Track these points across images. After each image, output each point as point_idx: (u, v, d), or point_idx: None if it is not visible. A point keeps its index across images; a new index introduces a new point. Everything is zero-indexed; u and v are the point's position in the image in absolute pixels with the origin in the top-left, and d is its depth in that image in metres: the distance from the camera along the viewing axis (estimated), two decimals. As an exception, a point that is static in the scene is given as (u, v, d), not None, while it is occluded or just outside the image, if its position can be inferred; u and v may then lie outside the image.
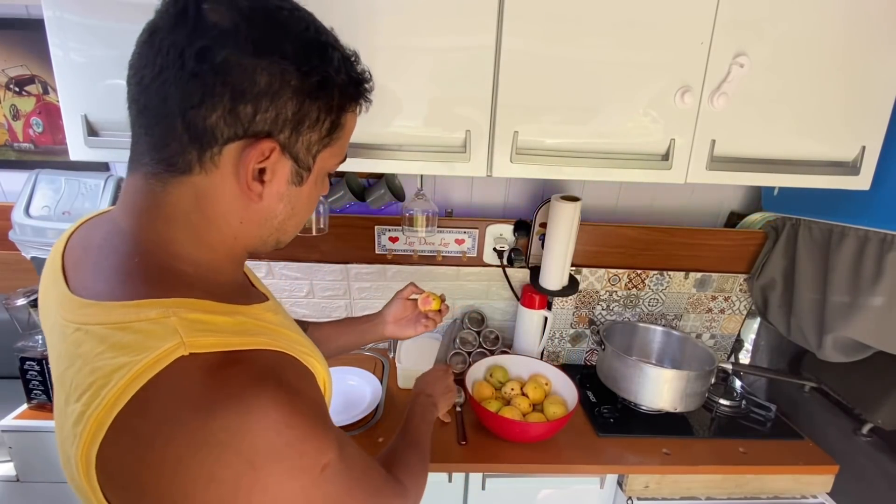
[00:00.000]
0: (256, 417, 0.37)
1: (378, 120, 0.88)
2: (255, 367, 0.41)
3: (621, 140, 0.91)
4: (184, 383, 0.37)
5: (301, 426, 0.40)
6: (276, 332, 0.48)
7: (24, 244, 1.19)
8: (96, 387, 0.37)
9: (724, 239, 1.38)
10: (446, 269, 1.40)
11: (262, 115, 0.42)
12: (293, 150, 0.46)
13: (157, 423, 0.36)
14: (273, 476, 0.38)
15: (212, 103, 0.41)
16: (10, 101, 1.24)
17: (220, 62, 0.40)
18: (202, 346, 0.39)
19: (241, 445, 0.36)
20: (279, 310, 0.56)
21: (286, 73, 0.42)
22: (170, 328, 0.39)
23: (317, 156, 0.48)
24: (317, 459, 0.41)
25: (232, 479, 0.36)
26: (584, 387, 1.33)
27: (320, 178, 0.51)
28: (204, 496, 0.36)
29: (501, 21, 0.83)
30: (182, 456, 0.35)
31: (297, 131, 0.45)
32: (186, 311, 0.41)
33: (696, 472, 1.10)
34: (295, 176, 0.47)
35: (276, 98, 0.42)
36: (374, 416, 1.17)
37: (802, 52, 0.88)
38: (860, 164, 0.95)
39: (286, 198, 0.48)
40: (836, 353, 1.18)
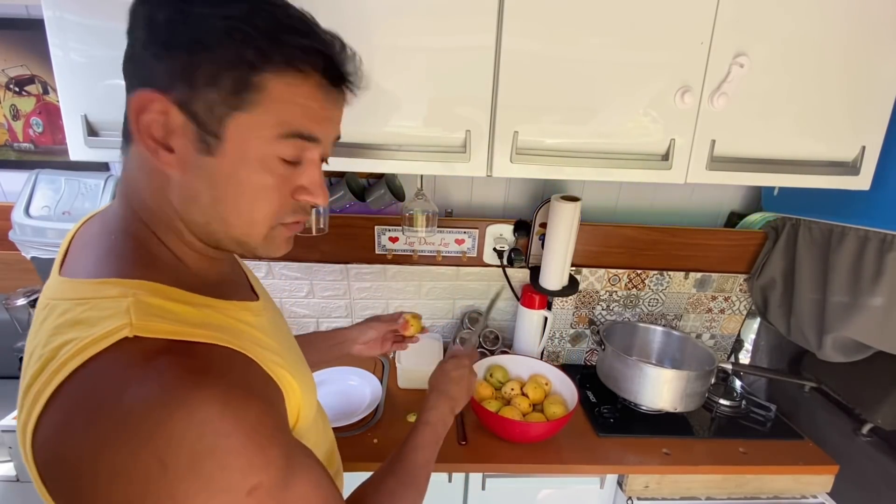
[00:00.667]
0: (180, 414, 0.34)
1: (378, 120, 0.88)
2: (196, 361, 0.38)
3: (621, 140, 0.91)
4: (119, 365, 0.36)
5: (231, 435, 0.36)
6: (243, 333, 0.46)
7: (24, 244, 1.19)
8: (44, 360, 0.37)
9: (724, 239, 1.38)
10: (446, 269, 1.40)
11: (157, 66, 0.40)
12: (190, 107, 0.41)
13: (84, 402, 0.35)
14: (185, 484, 0.34)
15: (131, 61, 0.42)
16: (10, 101, 1.24)
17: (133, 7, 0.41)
18: (150, 330, 0.38)
19: (157, 442, 0.33)
20: (264, 313, 0.54)
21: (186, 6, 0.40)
22: (122, 308, 0.38)
23: (225, 120, 0.41)
24: (242, 478, 0.36)
25: (141, 479, 0.33)
26: (584, 387, 1.33)
27: (256, 156, 0.43)
28: (109, 490, 0.33)
29: (501, 21, 0.83)
30: (97, 441, 0.33)
31: (192, 87, 0.40)
32: (146, 293, 0.40)
33: (696, 472, 1.10)
34: (199, 141, 0.42)
35: (167, 48, 0.40)
36: (374, 417, 1.17)
37: (802, 51, 0.88)
38: (860, 164, 0.95)
39: (199, 171, 0.43)
40: (836, 353, 1.18)
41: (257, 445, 0.37)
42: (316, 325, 1.48)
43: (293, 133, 0.44)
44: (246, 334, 0.46)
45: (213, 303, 0.45)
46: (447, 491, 1.12)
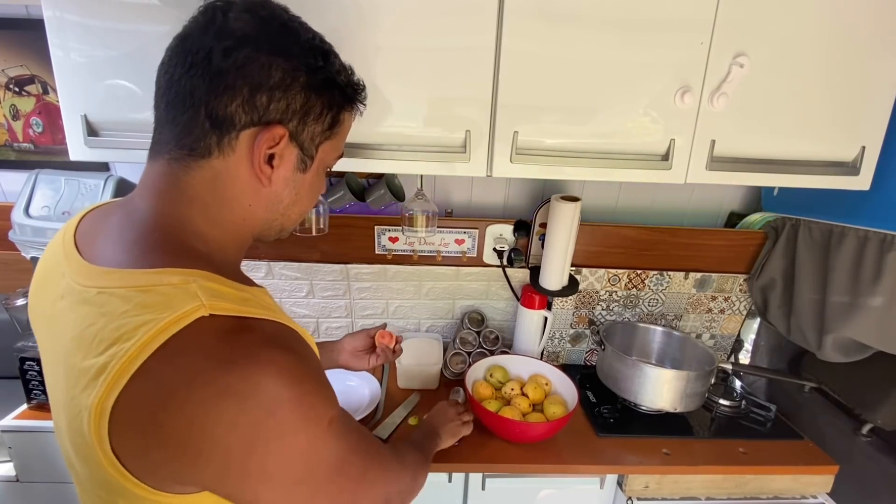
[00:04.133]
0: (270, 371, 0.42)
1: (378, 120, 0.88)
2: (264, 332, 0.45)
3: (621, 140, 0.91)
4: (205, 339, 0.41)
5: (308, 383, 0.45)
6: (277, 311, 0.51)
7: (23, 244, 1.19)
8: (122, 340, 0.41)
9: (724, 239, 1.38)
10: (446, 269, 1.40)
11: (276, 104, 0.49)
12: (300, 138, 0.52)
13: (180, 373, 0.40)
14: (287, 423, 0.43)
15: (232, 94, 0.47)
16: (10, 101, 1.24)
17: (241, 59, 0.47)
18: (220, 309, 0.43)
19: (259, 396, 0.41)
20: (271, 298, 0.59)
21: (296, 69, 0.49)
22: (191, 292, 0.43)
23: (319, 146, 0.55)
24: (324, 413, 0.47)
25: (252, 425, 0.41)
26: (584, 387, 1.33)
27: (321, 169, 0.58)
28: (226, 439, 0.40)
29: (501, 21, 0.83)
30: (205, 402, 0.39)
31: (304, 122, 0.52)
32: (204, 280, 0.46)
33: (696, 472, 1.10)
34: (300, 163, 0.54)
35: (287, 91, 0.49)
36: (374, 417, 1.17)
37: (802, 52, 0.88)
38: (860, 164, 0.95)
39: (292, 183, 0.54)
40: (836, 353, 1.18)
41: (325, 389, 0.48)
42: (316, 325, 1.48)
43: (342, 154, 0.61)
44: (278, 312, 0.51)
45: (246, 288, 0.50)
46: (447, 491, 1.12)
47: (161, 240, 0.49)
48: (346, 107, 0.56)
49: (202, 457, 0.40)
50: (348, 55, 0.83)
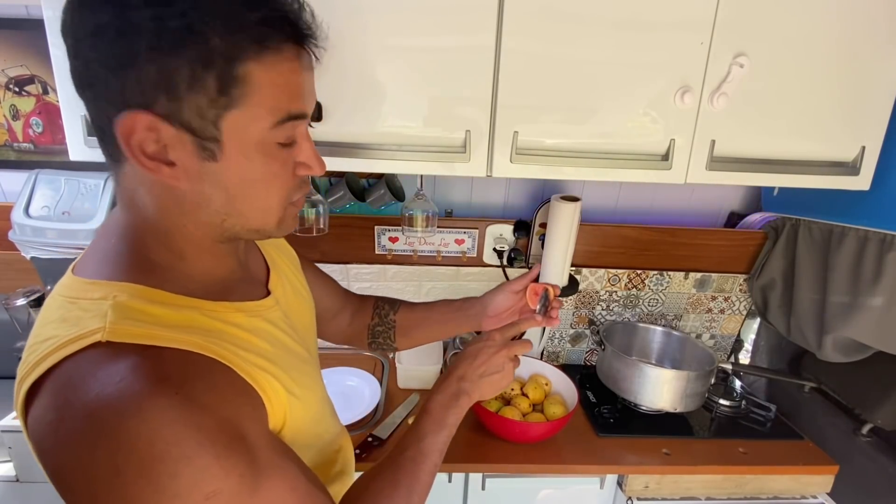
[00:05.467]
0: (135, 421, 0.35)
1: (378, 120, 0.88)
2: (161, 367, 0.39)
3: (621, 140, 0.91)
4: (86, 369, 0.37)
5: (182, 443, 0.36)
6: (227, 336, 0.45)
7: (23, 244, 1.19)
8: (28, 352, 0.40)
9: (724, 239, 1.38)
10: (446, 269, 1.40)
11: (126, 84, 0.38)
12: (181, 118, 0.40)
13: (54, 400, 0.37)
14: (136, 489, 0.35)
15: (87, 85, 0.41)
16: (10, 101, 1.24)
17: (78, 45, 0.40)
18: (123, 334, 0.39)
19: (111, 445, 0.35)
20: (265, 312, 0.53)
21: (129, 30, 0.37)
22: (101, 312, 0.40)
23: (219, 122, 0.41)
24: (194, 485, 0.36)
25: (98, 479, 0.35)
26: (584, 387, 1.33)
27: (257, 149, 0.43)
28: (72, 486, 0.36)
29: (501, 21, 0.83)
30: (64, 440, 0.36)
31: (174, 96, 0.39)
32: (129, 296, 0.42)
33: (695, 472, 1.10)
34: (201, 150, 0.41)
35: (130, 62, 0.38)
36: (374, 417, 1.17)
37: (802, 52, 0.88)
38: (860, 164, 0.95)
39: (208, 177, 0.43)
40: (836, 353, 1.18)
41: (212, 455, 0.37)
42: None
43: (286, 117, 0.43)
44: (230, 338, 0.46)
45: (202, 304, 0.46)
46: (447, 491, 1.12)
47: (115, 247, 0.46)
48: (244, 55, 0.39)
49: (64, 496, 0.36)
50: (349, 55, 0.84)
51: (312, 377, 0.58)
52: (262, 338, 0.50)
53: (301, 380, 0.52)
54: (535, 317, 0.76)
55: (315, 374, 0.61)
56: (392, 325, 0.85)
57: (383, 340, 0.85)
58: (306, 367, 0.56)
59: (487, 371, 0.67)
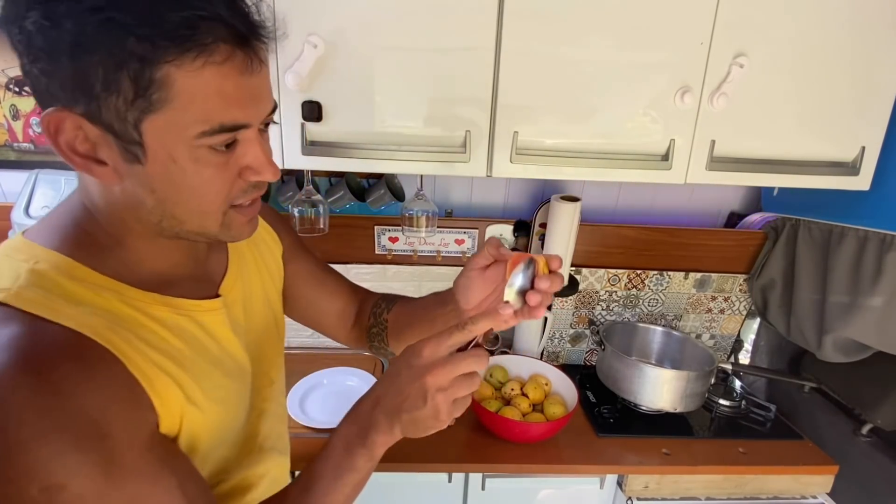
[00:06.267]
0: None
1: (378, 120, 0.88)
2: (36, 343, 0.37)
3: (621, 140, 0.91)
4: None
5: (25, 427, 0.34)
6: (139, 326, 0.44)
7: (23, 244, 1.19)
8: None
9: (724, 239, 1.38)
10: (446, 269, 1.40)
11: (47, 80, 0.37)
12: (102, 120, 0.38)
13: None
14: None
15: (26, 79, 0.39)
16: (10, 101, 1.24)
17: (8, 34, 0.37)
18: (24, 301, 0.39)
19: None
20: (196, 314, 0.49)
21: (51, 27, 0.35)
22: (16, 273, 0.40)
23: (139, 125, 0.38)
24: (29, 473, 0.34)
25: None
26: (584, 387, 1.33)
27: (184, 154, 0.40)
28: None
29: (501, 21, 0.83)
30: None
31: (92, 97, 0.37)
32: (50, 266, 0.42)
33: (695, 472, 1.10)
34: (125, 153, 0.40)
35: (50, 59, 0.36)
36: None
37: (802, 52, 0.88)
38: (860, 164, 0.95)
39: (135, 179, 0.41)
40: (835, 353, 1.18)
41: (56, 446, 0.35)
42: (316, 325, 1.48)
43: (217, 129, 0.40)
44: (141, 330, 0.44)
45: (125, 290, 0.44)
46: (447, 491, 1.12)
47: (65, 221, 0.45)
48: (160, 59, 0.36)
49: None
50: (349, 55, 0.84)
51: (233, 392, 0.53)
52: (181, 338, 0.47)
53: (213, 392, 0.48)
54: (501, 309, 0.49)
55: (238, 390, 0.54)
56: (385, 327, 0.72)
57: (379, 343, 0.73)
58: (227, 381, 0.52)
59: (405, 405, 0.46)
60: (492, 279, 0.58)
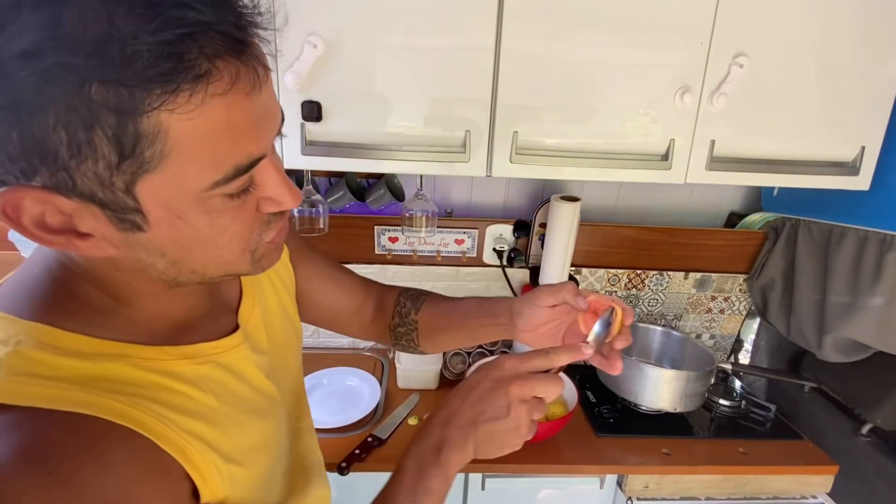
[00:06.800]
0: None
1: (378, 120, 0.88)
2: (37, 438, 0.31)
3: (621, 140, 0.91)
4: None
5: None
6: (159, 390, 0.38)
7: (23, 244, 1.19)
8: None
9: (724, 239, 1.38)
10: (446, 269, 1.40)
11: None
12: (78, 190, 0.30)
13: None
14: None
15: None
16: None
17: None
18: (12, 395, 0.32)
19: None
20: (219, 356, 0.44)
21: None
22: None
23: (133, 189, 0.30)
24: None
25: None
26: (584, 387, 1.33)
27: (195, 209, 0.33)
28: None
29: (501, 21, 0.83)
30: None
31: (59, 166, 0.28)
32: (34, 343, 0.34)
33: (695, 472, 1.10)
34: (119, 223, 0.32)
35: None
36: (374, 417, 1.17)
37: (802, 52, 0.88)
38: (860, 164, 0.95)
39: (139, 246, 0.34)
40: (835, 353, 1.18)
41: None
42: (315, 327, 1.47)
43: (231, 175, 0.33)
44: (162, 394, 0.38)
45: (135, 352, 0.38)
46: (447, 491, 1.12)
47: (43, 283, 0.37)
48: (144, 107, 0.27)
49: None
50: (349, 55, 0.84)
51: (271, 433, 0.50)
52: (208, 391, 0.42)
53: (251, 442, 0.44)
54: (584, 348, 0.49)
55: (274, 427, 0.51)
56: (414, 327, 0.70)
57: (406, 343, 0.71)
58: (262, 424, 0.48)
59: (484, 416, 0.45)
60: (558, 312, 0.58)
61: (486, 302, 0.65)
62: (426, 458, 0.46)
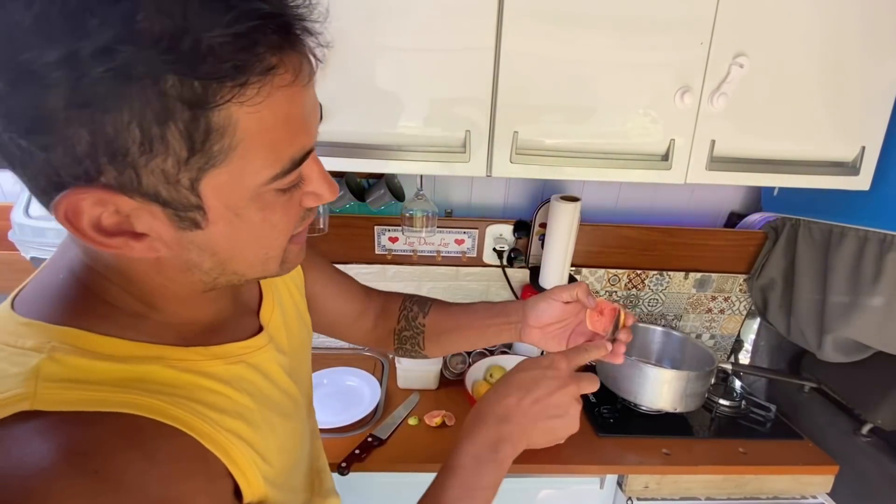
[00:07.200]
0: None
1: (378, 120, 0.88)
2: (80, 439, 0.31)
3: (621, 140, 0.91)
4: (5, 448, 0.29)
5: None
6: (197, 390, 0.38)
7: (23, 244, 1.19)
8: None
9: (724, 239, 1.38)
10: (446, 269, 1.40)
11: (53, 154, 0.28)
12: (142, 189, 0.30)
13: None
14: None
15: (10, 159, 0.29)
16: (9, 101, 1.24)
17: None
18: (53, 402, 0.31)
19: None
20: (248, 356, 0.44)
21: (34, 84, 0.25)
22: (29, 370, 0.32)
23: (198, 186, 0.31)
24: None
25: None
26: (584, 387, 1.33)
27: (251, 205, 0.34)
28: None
29: (501, 21, 0.83)
30: None
31: (126, 163, 0.28)
32: (69, 349, 0.33)
33: (695, 472, 1.10)
34: (178, 221, 0.32)
35: (49, 124, 0.27)
36: (374, 417, 1.17)
37: (802, 52, 0.88)
38: (860, 164, 0.95)
39: (192, 245, 0.34)
40: (835, 353, 1.18)
41: None
42: (316, 326, 1.48)
43: (288, 168, 0.34)
44: (201, 394, 0.38)
45: (169, 353, 0.38)
46: (447, 491, 1.12)
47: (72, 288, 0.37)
48: (218, 98, 0.28)
49: None
50: (349, 55, 0.84)
51: (296, 433, 0.50)
52: (242, 391, 0.42)
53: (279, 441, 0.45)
54: (606, 344, 0.56)
55: (298, 429, 0.51)
56: (421, 331, 0.72)
57: (411, 346, 0.73)
58: (289, 425, 0.48)
59: (546, 412, 0.48)
60: (568, 311, 0.63)
61: (496, 303, 0.70)
62: (483, 453, 0.48)
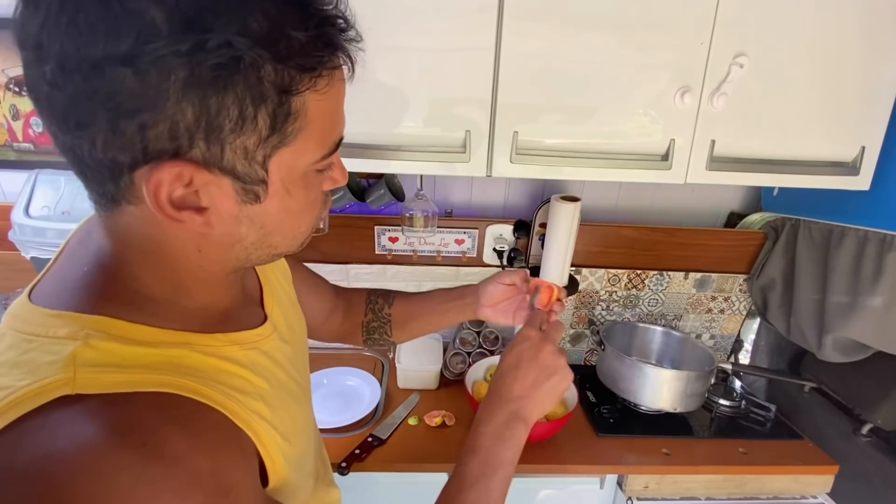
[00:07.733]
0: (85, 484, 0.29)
1: (378, 120, 0.88)
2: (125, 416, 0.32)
3: (621, 140, 0.91)
4: (46, 430, 0.30)
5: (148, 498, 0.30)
6: (222, 374, 0.40)
7: (23, 244, 1.19)
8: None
9: (724, 239, 1.38)
10: (446, 269, 1.40)
11: (153, 130, 0.31)
12: (222, 164, 0.34)
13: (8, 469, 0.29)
14: None
15: (91, 128, 0.31)
16: (10, 101, 1.24)
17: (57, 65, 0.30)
18: (93, 385, 0.33)
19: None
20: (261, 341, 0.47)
21: (152, 66, 0.29)
22: (66, 355, 0.33)
23: (267, 163, 0.36)
24: None
25: None
26: (584, 387, 1.33)
27: (300, 182, 0.39)
28: None
29: (501, 21, 0.83)
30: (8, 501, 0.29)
31: (217, 140, 0.33)
32: (102, 336, 0.35)
33: (695, 472, 1.10)
34: (243, 194, 0.36)
35: (160, 102, 0.30)
36: (374, 417, 1.17)
37: (802, 52, 0.88)
38: (860, 164, 0.95)
39: (245, 219, 0.38)
40: (835, 353, 1.18)
41: None
42: (316, 326, 1.48)
43: (331, 150, 0.40)
44: (226, 377, 0.40)
45: (194, 339, 0.40)
46: (447, 491, 1.12)
47: (98, 278, 0.38)
48: (300, 86, 0.34)
49: None
50: (348, 55, 0.84)
51: (306, 418, 0.53)
52: (260, 375, 0.44)
53: (296, 423, 0.47)
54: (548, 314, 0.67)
55: (307, 414, 0.54)
56: (387, 320, 0.80)
57: (379, 336, 0.81)
58: (300, 409, 0.51)
59: (541, 376, 0.55)
60: (511, 291, 0.74)
61: (452, 288, 0.79)
62: (499, 431, 0.53)
